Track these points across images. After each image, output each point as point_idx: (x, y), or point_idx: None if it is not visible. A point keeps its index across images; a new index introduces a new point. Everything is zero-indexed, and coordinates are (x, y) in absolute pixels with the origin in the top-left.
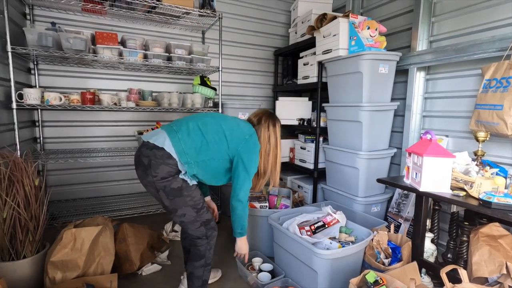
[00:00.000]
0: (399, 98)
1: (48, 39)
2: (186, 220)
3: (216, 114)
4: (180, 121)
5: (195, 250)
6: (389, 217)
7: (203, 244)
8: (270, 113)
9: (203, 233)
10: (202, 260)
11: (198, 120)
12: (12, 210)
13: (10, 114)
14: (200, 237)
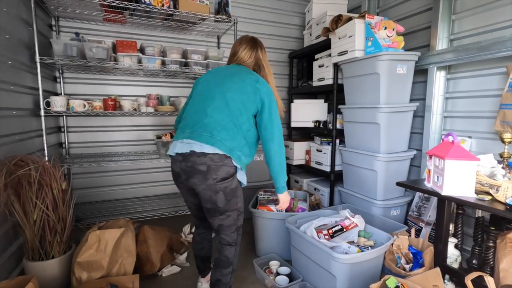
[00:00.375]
0: (418, 99)
1: (73, 49)
2: (226, 223)
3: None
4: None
5: (223, 258)
6: (410, 221)
7: (232, 251)
8: (254, 44)
9: (234, 239)
10: (231, 267)
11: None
12: (42, 213)
13: (39, 121)
14: (230, 243)
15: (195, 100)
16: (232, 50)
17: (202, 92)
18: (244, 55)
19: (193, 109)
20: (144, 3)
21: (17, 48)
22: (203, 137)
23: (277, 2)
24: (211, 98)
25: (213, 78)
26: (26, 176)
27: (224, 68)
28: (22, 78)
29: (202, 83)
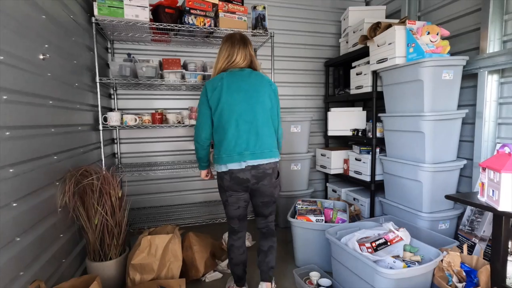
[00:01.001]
0: (467, 105)
1: (127, 69)
2: (274, 208)
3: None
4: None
5: (270, 231)
6: (461, 235)
7: (273, 224)
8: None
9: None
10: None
11: (262, 128)
12: (102, 218)
13: (98, 135)
14: (273, 220)
15: (235, 120)
16: (226, 52)
17: (239, 111)
18: (245, 57)
19: (241, 131)
20: (188, 23)
21: (82, 71)
22: (265, 154)
23: (312, 12)
24: (253, 118)
25: (239, 93)
26: (90, 185)
27: (237, 76)
28: (85, 97)
29: (228, 100)
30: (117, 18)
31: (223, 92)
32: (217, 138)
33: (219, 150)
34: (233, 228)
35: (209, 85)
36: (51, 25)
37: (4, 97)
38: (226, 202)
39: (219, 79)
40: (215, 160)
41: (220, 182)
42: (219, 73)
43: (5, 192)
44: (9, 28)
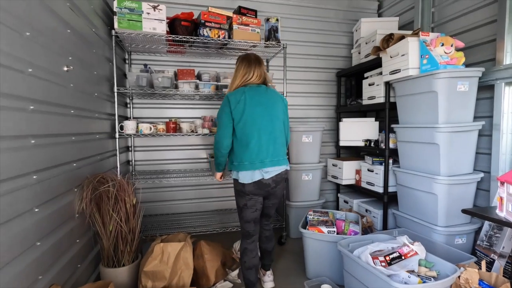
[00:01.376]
0: (484, 117)
1: (143, 80)
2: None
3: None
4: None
5: (271, 233)
6: (478, 251)
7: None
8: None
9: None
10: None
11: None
12: (116, 224)
13: (114, 142)
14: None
15: (257, 131)
16: (243, 71)
17: (261, 124)
18: (260, 75)
19: (263, 141)
20: (203, 35)
21: (101, 81)
22: (281, 161)
23: (325, 24)
24: (272, 129)
25: (259, 107)
26: (106, 192)
27: (256, 92)
28: (103, 106)
29: (250, 112)
30: (136, 31)
31: (247, 105)
32: (239, 147)
33: (242, 158)
34: (248, 232)
35: (232, 97)
36: (75, 38)
37: (31, 107)
38: (245, 206)
39: (241, 93)
40: (235, 167)
41: (241, 188)
42: (239, 88)
43: (28, 197)
44: (38, 43)
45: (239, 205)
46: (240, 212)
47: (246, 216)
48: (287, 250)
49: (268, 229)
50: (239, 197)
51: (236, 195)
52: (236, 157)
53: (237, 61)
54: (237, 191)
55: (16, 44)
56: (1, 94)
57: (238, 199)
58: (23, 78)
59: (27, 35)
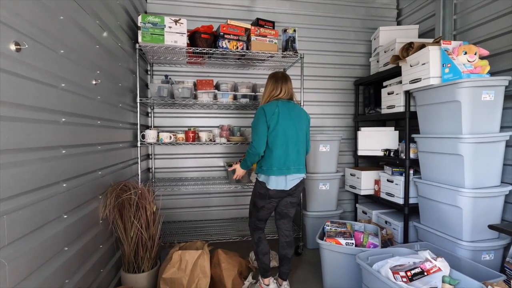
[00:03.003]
0: (511, 127)
1: (164, 90)
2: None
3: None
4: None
5: (292, 239)
6: (508, 268)
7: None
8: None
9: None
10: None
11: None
12: (137, 231)
13: (135, 151)
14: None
15: (286, 141)
16: (271, 87)
17: (289, 135)
18: (287, 91)
19: (290, 150)
20: (222, 47)
21: (125, 93)
22: (301, 169)
23: (342, 33)
24: (297, 141)
25: (289, 120)
26: (128, 199)
27: (287, 107)
28: (127, 116)
29: (282, 124)
30: (158, 44)
31: (280, 117)
32: (270, 154)
33: (271, 163)
34: (259, 227)
35: (268, 108)
36: (103, 53)
37: (63, 119)
38: (263, 207)
39: (275, 106)
40: (264, 171)
41: (265, 191)
42: (271, 101)
43: (58, 205)
44: (71, 59)
45: (257, 206)
46: (257, 211)
47: (261, 216)
48: (304, 261)
49: (289, 234)
50: (259, 199)
51: (257, 197)
52: (266, 162)
53: (269, 76)
54: (259, 194)
55: (52, 62)
56: (38, 109)
57: (258, 201)
58: (57, 93)
59: (61, 52)
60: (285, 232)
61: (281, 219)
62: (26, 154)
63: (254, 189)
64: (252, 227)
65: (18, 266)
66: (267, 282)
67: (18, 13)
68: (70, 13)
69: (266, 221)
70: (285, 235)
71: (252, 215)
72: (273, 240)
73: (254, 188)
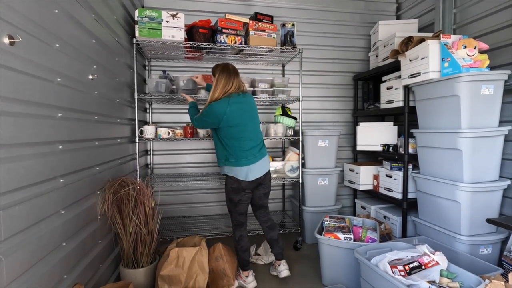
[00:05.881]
0: (510, 121)
1: (162, 85)
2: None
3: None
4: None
5: (273, 221)
6: (505, 262)
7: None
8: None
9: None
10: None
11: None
12: (136, 226)
13: (134, 146)
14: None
15: (244, 133)
16: (226, 81)
17: (246, 126)
18: (238, 85)
19: (251, 140)
20: (220, 42)
21: (122, 88)
22: (264, 153)
23: (341, 27)
24: (254, 129)
25: (243, 113)
26: (126, 195)
27: (237, 101)
28: (124, 112)
29: (237, 119)
30: (156, 38)
31: (233, 114)
32: (236, 146)
33: (237, 155)
34: (241, 222)
35: (219, 109)
36: (99, 48)
37: (59, 115)
38: (240, 201)
39: (226, 104)
40: (231, 163)
41: (237, 185)
42: (223, 98)
43: (55, 200)
44: (66, 53)
45: (234, 201)
46: (235, 206)
47: (240, 210)
48: (303, 256)
49: (268, 219)
50: (234, 194)
51: (231, 192)
52: (232, 155)
53: (214, 69)
54: (232, 188)
55: (47, 56)
56: (33, 103)
57: (233, 196)
58: (52, 87)
59: (56, 46)
60: (263, 219)
61: (258, 210)
62: (21, 149)
63: (226, 186)
64: (235, 223)
65: (15, 261)
66: (246, 274)
67: (11, 6)
68: (65, 6)
69: (246, 214)
70: (264, 221)
71: (232, 211)
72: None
73: (225, 185)
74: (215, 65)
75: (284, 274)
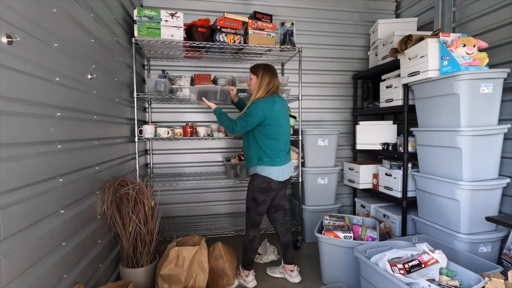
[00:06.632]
0: (510, 119)
1: (161, 85)
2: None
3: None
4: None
5: (288, 225)
6: (505, 260)
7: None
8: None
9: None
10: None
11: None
12: (135, 226)
13: (133, 146)
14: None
15: (283, 134)
16: (269, 80)
17: (285, 128)
18: (277, 85)
19: (286, 141)
20: (219, 41)
21: (121, 87)
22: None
23: (340, 26)
24: (288, 132)
25: (283, 114)
26: (126, 194)
27: (280, 101)
28: (124, 112)
29: (280, 118)
30: (155, 38)
31: (278, 112)
32: (271, 146)
33: (273, 155)
34: (258, 222)
35: (267, 106)
36: (98, 47)
37: (58, 114)
38: (263, 202)
39: (273, 103)
40: (266, 163)
41: (267, 185)
42: (267, 96)
43: (55, 200)
44: (65, 53)
45: (258, 201)
46: (257, 206)
47: (260, 210)
48: (303, 255)
49: (284, 221)
50: (260, 193)
51: (258, 192)
52: (267, 155)
53: (256, 69)
54: (261, 188)
55: (45, 55)
56: (32, 103)
57: (258, 195)
58: (51, 87)
59: (55, 46)
60: (281, 222)
61: (276, 211)
62: (20, 148)
63: (254, 184)
64: (251, 223)
65: (14, 260)
66: (246, 274)
67: (9, 5)
68: (63, 6)
69: (262, 216)
70: (282, 223)
71: (251, 210)
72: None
73: (252, 183)
74: (255, 65)
75: (298, 280)
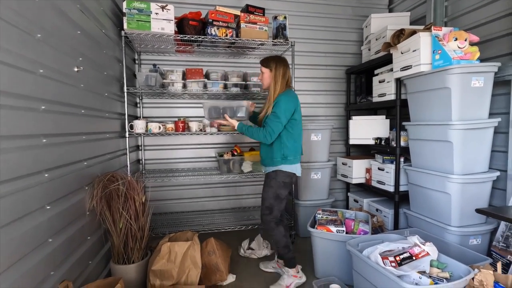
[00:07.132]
0: (500, 113)
1: (152, 79)
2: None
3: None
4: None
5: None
6: (494, 252)
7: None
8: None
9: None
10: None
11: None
12: (126, 222)
13: (124, 142)
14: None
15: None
16: (283, 71)
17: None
18: (290, 75)
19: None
20: (211, 35)
21: (111, 82)
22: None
23: (333, 20)
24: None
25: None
26: (116, 190)
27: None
28: (114, 106)
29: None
30: (145, 31)
31: (299, 107)
32: (295, 143)
33: (296, 152)
34: (280, 219)
35: (295, 98)
36: (85, 39)
37: (43, 107)
38: (285, 197)
39: (295, 96)
40: (290, 161)
41: (290, 180)
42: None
43: (40, 195)
44: (49, 44)
45: (281, 197)
46: (280, 202)
47: (283, 205)
48: (296, 249)
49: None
50: (284, 189)
51: (282, 187)
52: (291, 152)
53: (268, 61)
54: (285, 183)
55: (28, 46)
56: (13, 95)
57: (282, 191)
58: (35, 79)
59: (38, 36)
60: (283, 217)
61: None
62: (2, 142)
63: (277, 181)
64: (275, 222)
65: None
66: (297, 270)
67: None
68: None
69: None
70: (286, 219)
71: (275, 208)
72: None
73: (275, 180)
74: (266, 57)
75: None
